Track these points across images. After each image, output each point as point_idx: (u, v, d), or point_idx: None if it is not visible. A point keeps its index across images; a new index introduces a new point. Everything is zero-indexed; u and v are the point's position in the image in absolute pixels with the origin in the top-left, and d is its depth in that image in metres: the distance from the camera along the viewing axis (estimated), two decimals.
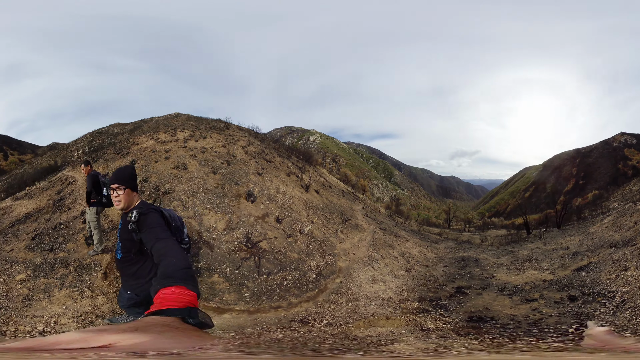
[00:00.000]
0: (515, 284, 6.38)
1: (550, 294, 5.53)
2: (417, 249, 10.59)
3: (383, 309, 4.99)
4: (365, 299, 5.43)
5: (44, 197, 10.25)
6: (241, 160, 11.96)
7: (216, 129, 17.33)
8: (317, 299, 5.28)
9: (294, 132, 60.59)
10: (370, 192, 41.68)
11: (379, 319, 4.51)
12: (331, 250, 7.58)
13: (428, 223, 25.46)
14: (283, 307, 4.80)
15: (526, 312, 4.85)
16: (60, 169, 14.52)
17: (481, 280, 6.86)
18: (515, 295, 5.72)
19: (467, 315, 4.92)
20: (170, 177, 9.34)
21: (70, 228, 7.27)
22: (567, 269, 6.92)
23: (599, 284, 5.43)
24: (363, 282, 6.23)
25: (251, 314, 4.50)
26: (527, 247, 10.86)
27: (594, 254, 7.37)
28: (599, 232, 9.89)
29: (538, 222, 18.16)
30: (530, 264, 8.07)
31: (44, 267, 5.67)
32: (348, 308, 4.99)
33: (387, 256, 8.60)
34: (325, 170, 22.46)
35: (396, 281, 6.67)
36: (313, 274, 6.08)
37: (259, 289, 5.26)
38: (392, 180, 61.59)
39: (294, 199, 9.89)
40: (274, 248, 6.57)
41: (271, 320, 4.39)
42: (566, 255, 8.11)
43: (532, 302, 5.29)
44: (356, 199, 17.38)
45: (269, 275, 5.55)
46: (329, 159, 48.42)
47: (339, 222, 10.22)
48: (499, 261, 8.98)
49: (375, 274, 6.90)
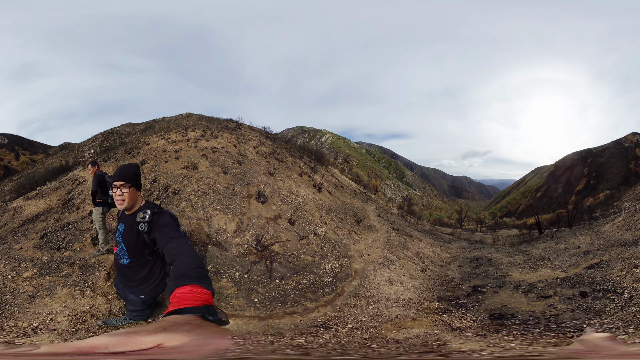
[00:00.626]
0: (529, 282, 6.50)
1: (563, 290, 5.67)
2: (431, 249, 10.43)
3: (406, 310, 4.88)
4: (385, 300, 5.21)
5: (54, 197, 10.29)
6: (252, 160, 11.76)
7: (227, 129, 17.26)
8: (334, 302, 4.98)
9: (305, 132, 60.60)
10: (382, 192, 41.40)
11: (406, 321, 4.37)
12: (345, 252, 7.25)
13: (440, 223, 25.43)
14: (299, 313, 4.51)
15: (543, 309, 4.97)
16: (71, 169, 14.60)
17: (496, 279, 6.98)
18: (530, 292, 5.83)
19: (488, 313, 5.01)
20: (179, 177, 9.14)
21: (78, 228, 7.32)
22: (578, 267, 7.04)
23: (609, 281, 5.52)
24: (380, 284, 5.99)
25: (262, 320, 4.22)
26: (539, 247, 10.89)
27: (605, 253, 7.46)
28: (610, 232, 9.90)
29: (550, 222, 18.20)
30: (543, 263, 8.16)
31: (50, 266, 5.71)
32: (370, 311, 4.73)
33: (402, 257, 8.38)
34: (337, 171, 22.19)
35: (413, 282, 6.53)
36: (328, 277, 5.77)
37: (270, 294, 4.99)
38: (404, 181, 61.16)
39: (307, 200, 9.60)
40: (287, 251, 6.28)
41: (286, 326, 4.11)
42: (578, 254, 8.24)
43: (547, 298, 5.42)
44: (368, 199, 17.04)
45: (282, 280, 5.25)
46: (341, 159, 48.24)
47: (352, 223, 9.89)
48: (512, 260, 9.04)
49: (391, 275, 6.68)
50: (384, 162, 66.93)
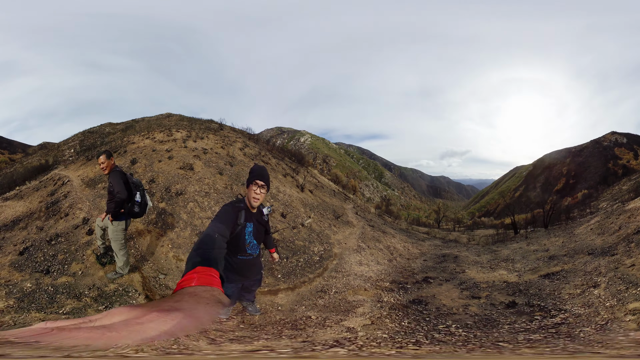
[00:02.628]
0: (477, 280, 6.53)
1: (498, 295, 5.45)
2: (402, 245, 11.36)
3: (364, 283, 6.22)
4: (354, 275, 6.65)
5: (35, 198, 9.13)
6: (241, 161, 12.85)
7: (211, 130, 17.87)
8: (323, 275, 6.56)
9: (284, 133, 60.94)
10: (361, 192, 42.20)
11: (360, 290, 5.88)
12: (327, 240, 8.73)
13: (418, 223, 26.03)
14: (307, 282, 6.11)
15: (458, 305, 4.97)
16: (51, 168, 14.27)
17: (450, 274, 7.19)
18: (467, 290, 5.85)
19: (413, 297, 5.46)
20: (179, 178, 9.49)
21: (71, 241, 5.77)
22: (536, 273, 6.78)
23: (554, 297, 5.00)
24: (353, 264, 7.41)
25: (293, 290, 5.70)
26: (510, 247, 10.88)
27: (570, 260, 7.18)
28: (583, 234, 9.73)
29: (526, 222, 18.01)
30: (504, 264, 8.11)
31: (36, 297, 4.21)
32: (344, 281, 6.31)
33: (374, 247, 9.61)
34: (316, 171, 23.48)
35: (378, 267, 7.69)
36: (317, 257, 7.27)
37: (285, 270, 6.37)
38: (383, 181, 62.04)
39: (292, 198, 10.96)
40: (284, 238, 7.66)
41: (306, 293, 5.67)
42: (543, 258, 8.03)
43: (475, 299, 5.33)
44: (347, 199, 18.55)
45: (287, 259, 6.71)
46: (320, 160, 48.97)
47: (332, 218, 11.36)
48: (478, 259, 9.17)
49: (362, 259, 8.00)
50: (362, 162, 67.76)
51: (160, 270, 5.58)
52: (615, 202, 14.75)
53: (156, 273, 5.48)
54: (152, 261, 5.83)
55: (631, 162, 47.22)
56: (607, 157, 50.57)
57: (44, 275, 4.75)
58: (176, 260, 5.98)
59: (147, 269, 5.56)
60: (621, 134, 52.99)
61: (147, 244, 6.32)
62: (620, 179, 28.84)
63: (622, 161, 48.63)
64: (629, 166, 45.54)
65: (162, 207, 7.65)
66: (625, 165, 46.48)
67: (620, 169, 45.56)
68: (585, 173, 50.74)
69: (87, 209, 7.39)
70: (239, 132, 20.38)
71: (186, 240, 6.57)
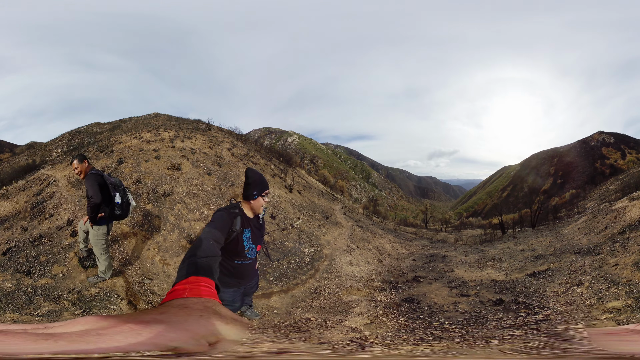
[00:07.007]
0: (465, 279, 6.64)
1: (486, 293, 5.59)
2: (391, 245, 11.46)
3: (357, 283, 6.29)
4: (346, 276, 6.69)
5: (21, 198, 9.06)
6: (229, 162, 12.72)
7: (198, 130, 17.72)
8: (315, 276, 6.51)
9: (272, 133, 60.64)
10: (349, 193, 42.43)
11: (354, 290, 5.93)
12: (317, 241, 8.71)
13: (405, 223, 25.88)
14: (300, 284, 6.08)
15: (448, 303, 5.08)
16: (38, 168, 14.06)
17: (439, 273, 7.31)
18: (456, 288, 5.98)
19: (405, 296, 5.61)
20: (166, 178, 9.39)
21: (54, 243, 5.74)
22: (522, 272, 6.88)
23: (538, 295, 5.14)
24: (344, 265, 7.43)
25: (286, 293, 5.65)
26: (498, 247, 10.97)
27: (557, 260, 7.26)
28: (570, 234, 9.80)
29: (514, 222, 18.06)
30: (492, 264, 8.16)
31: (14, 298, 4.26)
32: (336, 282, 6.32)
33: (363, 248, 9.70)
34: (304, 172, 23.48)
35: (368, 267, 7.77)
36: (308, 258, 7.22)
37: (277, 272, 6.29)
38: (370, 181, 62.35)
39: (281, 199, 10.90)
40: (275, 240, 7.58)
41: (300, 295, 5.63)
42: (529, 257, 8.08)
43: (464, 296, 5.44)
44: (335, 199, 18.59)
45: (278, 261, 6.64)
46: (307, 160, 48.97)
47: (321, 219, 11.35)
48: (466, 259, 9.24)
49: (352, 259, 8.06)
50: (350, 163, 67.76)
51: (146, 275, 5.44)
52: (603, 202, 14.79)
53: (141, 278, 5.34)
54: (137, 265, 5.66)
55: (618, 162, 47.26)
56: (595, 156, 50.44)
57: (25, 276, 4.73)
58: (163, 264, 5.83)
59: (131, 273, 5.40)
60: (608, 134, 53.14)
61: (133, 247, 6.15)
62: (607, 179, 28.58)
63: (609, 161, 48.65)
64: (616, 166, 45.43)
65: (149, 208, 7.48)
66: (612, 165, 46.50)
67: (608, 168, 45.53)
68: (572, 173, 50.70)
69: (71, 209, 7.24)
70: (227, 132, 20.19)
71: (173, 243, 6.42)
